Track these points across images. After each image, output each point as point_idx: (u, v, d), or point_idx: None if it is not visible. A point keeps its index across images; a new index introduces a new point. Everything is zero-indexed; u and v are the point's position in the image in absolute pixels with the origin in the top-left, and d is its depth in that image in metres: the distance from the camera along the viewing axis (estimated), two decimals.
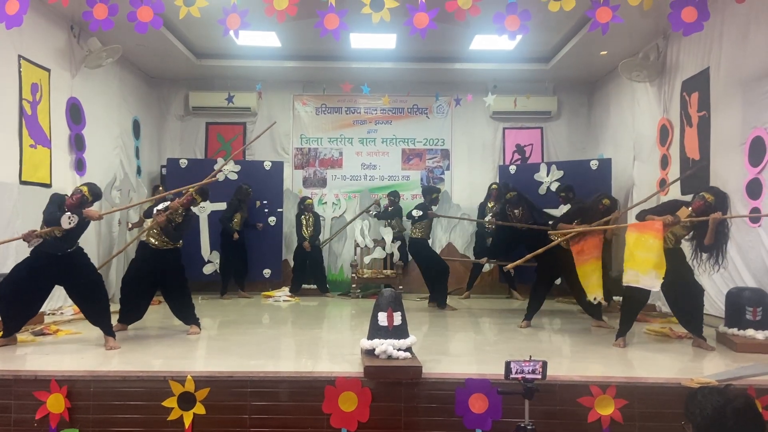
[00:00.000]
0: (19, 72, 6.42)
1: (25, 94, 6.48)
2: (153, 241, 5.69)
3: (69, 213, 4.78)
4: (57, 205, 4.91)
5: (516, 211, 8.05)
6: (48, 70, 6.95)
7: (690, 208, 5.07)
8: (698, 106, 6.70)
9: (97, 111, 8.14)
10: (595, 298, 5.78)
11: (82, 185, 5.25)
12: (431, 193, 8.07)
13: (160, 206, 5.66)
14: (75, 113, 7.53)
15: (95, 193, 5.19)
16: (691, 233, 5.19)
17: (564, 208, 7.99)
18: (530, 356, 3.14)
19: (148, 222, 5.89)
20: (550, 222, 7.00)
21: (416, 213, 7.79)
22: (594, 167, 8.79)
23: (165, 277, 5.78)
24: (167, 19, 7.49)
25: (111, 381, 3.95)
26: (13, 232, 6.16)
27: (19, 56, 6.41)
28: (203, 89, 10.18)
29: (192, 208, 5.82)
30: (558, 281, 7.19)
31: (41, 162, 6.80)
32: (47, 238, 4.90)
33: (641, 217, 5.30)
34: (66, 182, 7.12)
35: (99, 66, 7.72)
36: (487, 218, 8.76)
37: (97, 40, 7.52)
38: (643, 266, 4.92)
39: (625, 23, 5.40)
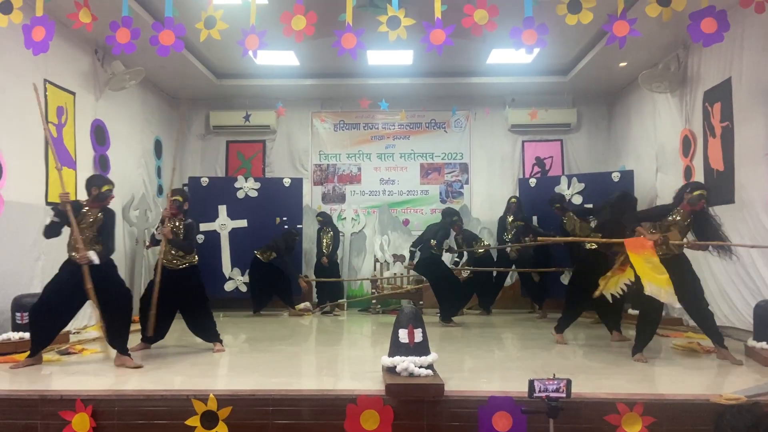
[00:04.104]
0: (45, 96, 6.57)
1: (51, 117, 6.63)
2: (168, 261, 5.70)
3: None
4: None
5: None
6: (73, 94, 7.11)
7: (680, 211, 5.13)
8: (721, 117, 6.61)
9: (121, 132, 8.29)
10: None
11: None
12: (450, 216, 8.07)
13: (157, 229, 5.74)
14: (99, 135, 7.68)
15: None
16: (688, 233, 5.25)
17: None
18: (554, 374, 3.10)
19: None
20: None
21: (434, 244, 7.77)
22: (616, 179, 8.71)
23: (185, 297, 5.78)
24: (188, 41, 7.62)
25: (135, 400, 3.98)
26: (39, 253, 6.29)
27: (45, 80, 6.57)
28: (223, 108, 10.32)
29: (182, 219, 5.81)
30: None
31: (67, 183, 6.82)
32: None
33: (633, 220, 5.32)
34: None
35: (122, 88, 7.88)
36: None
37: (121, 63, 7.68)
38: (661, 282, 4.84)
39: (644, 34, 5.36)
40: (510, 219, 8.89)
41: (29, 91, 6.30)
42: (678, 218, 5.17)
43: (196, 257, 5.91)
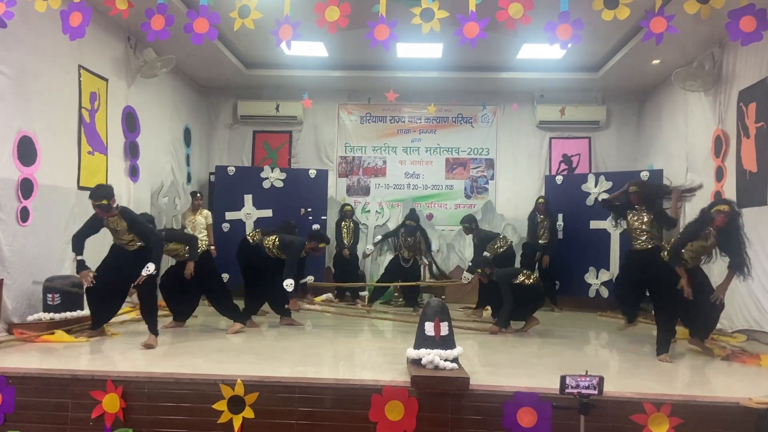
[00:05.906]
0: (79, 81, 6.67)
1: (84, 102, 6.73)
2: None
3: None
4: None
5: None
6: (106, 80, 7.21)
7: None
8: (756, 117, 6.48)
9: (151, 119, 8.38)
10: None
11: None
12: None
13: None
14: (130, 121, 7.78)
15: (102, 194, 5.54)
16: (714, 252, 5.28)
17: None
18: (586, 371, 3.08)
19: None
20: None
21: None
22: (645, 178, 8.56)
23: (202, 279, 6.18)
24: (220, 30, 7.67)
25: (164, 383, 4.04)
26: (70, 236, 6.36)
27: (79, 66, 6.67)
28: (251, 98, 10.38)
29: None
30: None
31: (98, 168, 7.03)
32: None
33: (677, 250, 5.29)
34: (120, 188, 7.33)
35: (154, 76, 7.96)
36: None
37: (153, 51, 7.75)
38: None
39: (680, 31, 5.26)
40: (540, 218, 8.78)
41: (64, 77, 6.44)
42: (711, 240, 5.17)
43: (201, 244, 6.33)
